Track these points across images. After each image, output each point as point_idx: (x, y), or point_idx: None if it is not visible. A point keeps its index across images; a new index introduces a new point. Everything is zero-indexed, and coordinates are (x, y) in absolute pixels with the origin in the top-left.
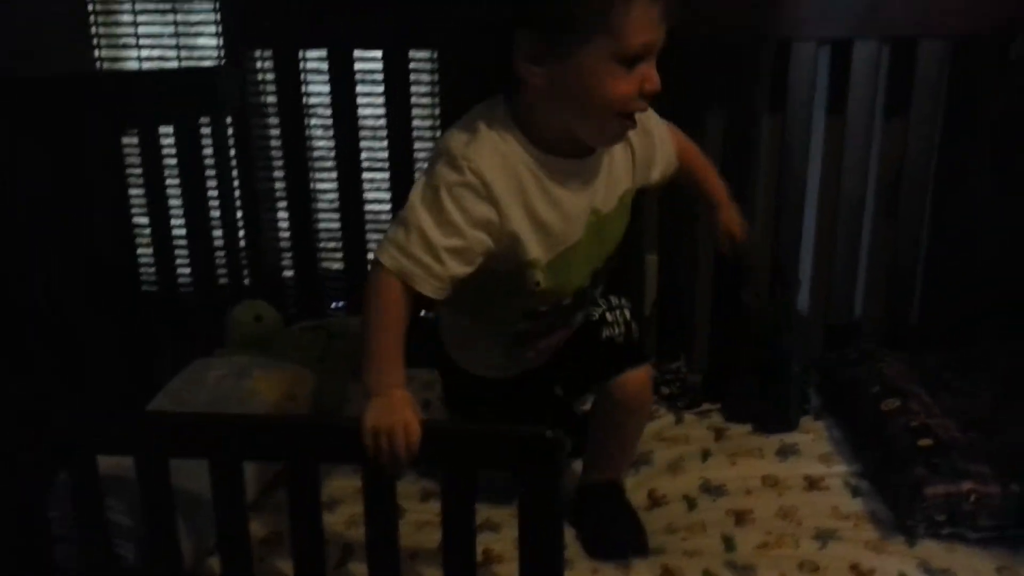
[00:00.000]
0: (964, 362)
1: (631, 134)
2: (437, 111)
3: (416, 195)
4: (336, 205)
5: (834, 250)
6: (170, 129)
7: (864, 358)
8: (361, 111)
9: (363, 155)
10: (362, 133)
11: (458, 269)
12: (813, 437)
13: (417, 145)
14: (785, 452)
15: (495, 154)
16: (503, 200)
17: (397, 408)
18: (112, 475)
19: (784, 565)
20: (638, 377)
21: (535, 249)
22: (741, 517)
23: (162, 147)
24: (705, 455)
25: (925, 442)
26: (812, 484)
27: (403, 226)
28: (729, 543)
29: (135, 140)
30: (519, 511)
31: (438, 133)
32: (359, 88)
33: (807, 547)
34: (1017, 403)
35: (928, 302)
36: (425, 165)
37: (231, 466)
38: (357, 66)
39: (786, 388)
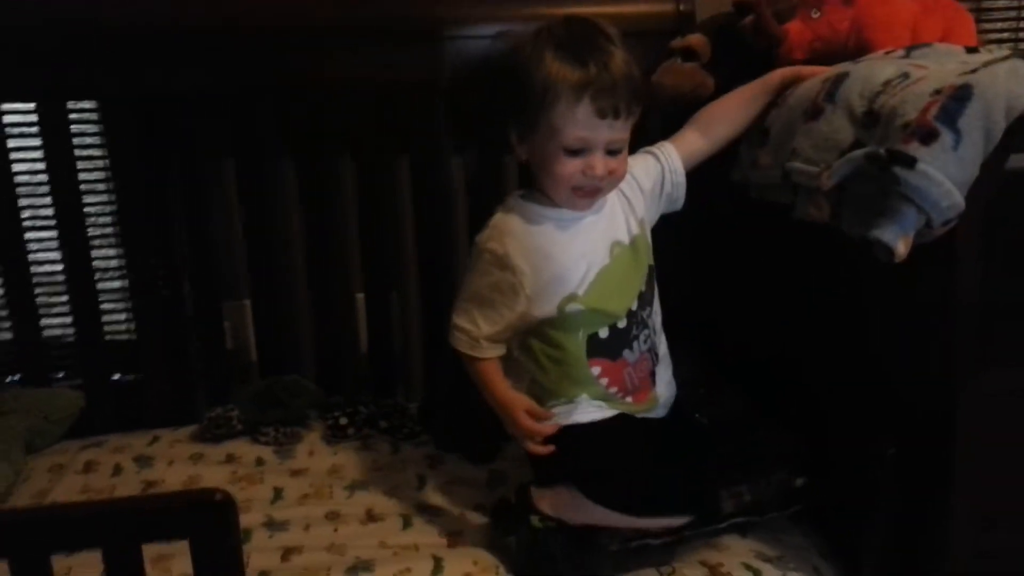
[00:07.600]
0: None
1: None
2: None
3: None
4: None
5: None
6: None
7: None
8: (18, 167)
9: (26, 213)
10: (22, 191)
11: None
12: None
13: (87, 200)
14: (494, 483)
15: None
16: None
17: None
18: None
19: None
20: None
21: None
22: (453, 540)
23: None
24: (421, 481)
25: None
26: None
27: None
28: (439, 564)
29: None
30: None
31: (112, 185)
32: (14, 143)
33: None
34: None
35: None
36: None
37: None
38: (9, 119)
39: (478, 419)
